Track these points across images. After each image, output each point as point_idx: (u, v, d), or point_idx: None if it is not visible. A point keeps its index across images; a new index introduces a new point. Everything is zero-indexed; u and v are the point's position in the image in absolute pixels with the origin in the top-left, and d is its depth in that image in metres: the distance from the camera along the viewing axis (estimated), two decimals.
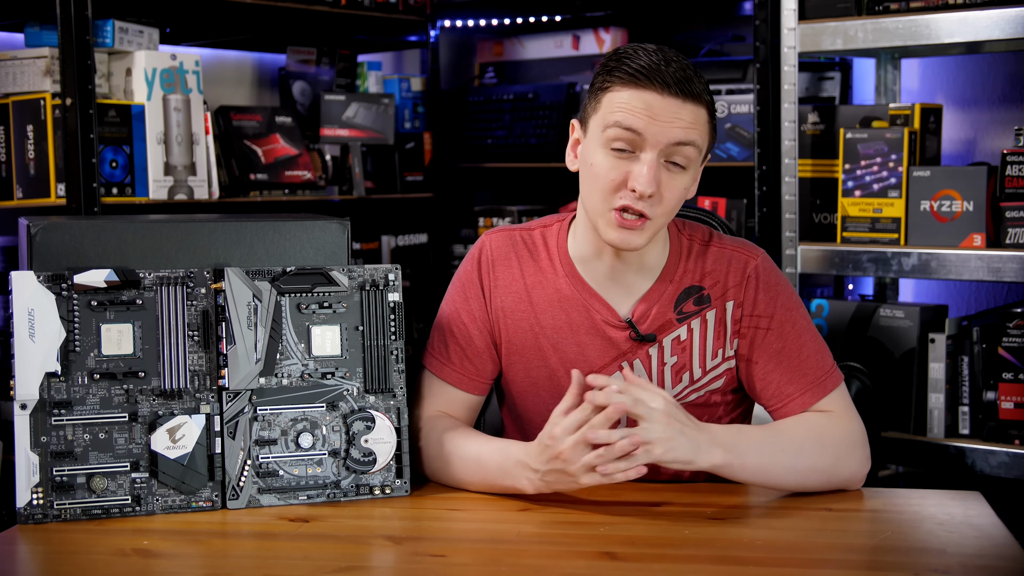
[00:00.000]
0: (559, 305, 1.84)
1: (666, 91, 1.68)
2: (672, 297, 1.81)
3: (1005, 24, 2.56)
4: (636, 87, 1.69)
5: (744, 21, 3.40)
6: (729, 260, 1.83)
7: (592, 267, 1.83)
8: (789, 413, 1.78)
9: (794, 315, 1.81)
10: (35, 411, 1.64)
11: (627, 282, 1.82)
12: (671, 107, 1.69)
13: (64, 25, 2.59)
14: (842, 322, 2.87)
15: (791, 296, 1.83)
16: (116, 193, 2.76)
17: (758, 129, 2.89)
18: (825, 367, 1.79)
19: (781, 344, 1.79)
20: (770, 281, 1.82)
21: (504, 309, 1.87)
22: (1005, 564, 1.45)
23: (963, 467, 2.69)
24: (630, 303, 1.82)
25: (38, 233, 1.71)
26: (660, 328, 1.81)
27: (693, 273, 1.82)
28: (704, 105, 1.72)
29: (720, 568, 1.45)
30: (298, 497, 1.73)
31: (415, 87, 3.71)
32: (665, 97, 1.68)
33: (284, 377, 1.73)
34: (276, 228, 1.80)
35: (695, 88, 1.70)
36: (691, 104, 1.70)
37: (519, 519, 1.64)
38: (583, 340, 1.83)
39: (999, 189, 2.62)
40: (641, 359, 1.82)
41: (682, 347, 1.81)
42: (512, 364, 1.87)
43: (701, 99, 1.71)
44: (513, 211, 3.55)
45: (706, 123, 1.73)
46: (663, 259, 1.83)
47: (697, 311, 1.81)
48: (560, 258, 1.86)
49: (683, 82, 1.69)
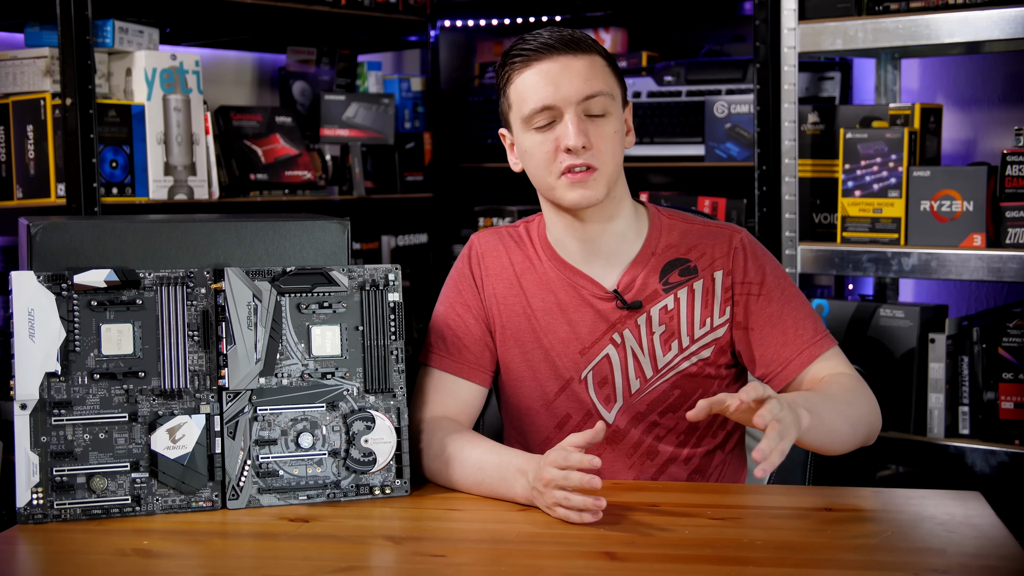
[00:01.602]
0: (547, 288, 1.89)
1: (556, 53, 1.78)
2: (656, 268, 1.86)
3: (1005, 24, 2.56)
4: (529, 65, 1.79)
5: (744, 21, 3.40)
6: (715, 235, 1.89)
7: (570, 249, 1.88)
8: (788, 377, 1.82)
9: (782, 283, 1.87)
10: (35, 411, 1.64)
11: (607, 255, 1.87)
12: (567, 67, 1.77)
13: (64, 25, 2.60)
14: (842, 322, 2.87)
15: (777, 266, 1.89)
16: (116, 193, 2.76)
17: (758, 129, 2.89)
18: (819, 330, 1.85)
19: (773, 308, 1.84)
20: (756, 252, 1.89)
21: (497, 295, 1.91)
22: (1005, 564, 1.45)
23: (963, 467, 2.69)
24: (615, 275, 1.87)
25: (38, 233, 1.71)
26: (647, 298, 1.86)
27: (678, 247, 1.88)
28: (596, 53, 1.81)
29: (720, 568, 1.45)
30: (298, 497, 1.73)
31: (415, 87, 3.71)
32: (557, 59, 1.78)
33: (284, 377, 1.73)
34: (276, 228, 1.80)
35: (582, 43, 1.79)
36: (583, 56, 1.79)
37: (519, 519, 1.64)
38: (573, 318, 1.87)
39: (999, 189, 2.62)
40: (631, 329, 1.86)
41: (670, 316, 1.86)
42: (509, 349, 1.90)
43: (592, 49, 1.80)
44: (513, 211, 3.55)
45: (604, 68, 1.81)
46: (641, 235, 1.88)
47: (684, 281, 1.86)
48: (541, 246, 1.92)
49: (568, 41, 1.79)
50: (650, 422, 1.87)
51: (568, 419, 1.89)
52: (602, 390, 1.87)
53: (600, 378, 1.87)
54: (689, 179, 3.49)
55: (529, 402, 1.91)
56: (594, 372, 1.87)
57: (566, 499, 1.59)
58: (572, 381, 1.88)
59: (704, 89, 3.22)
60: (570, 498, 1.59)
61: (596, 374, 1.87)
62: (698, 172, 3.34)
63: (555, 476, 1.60)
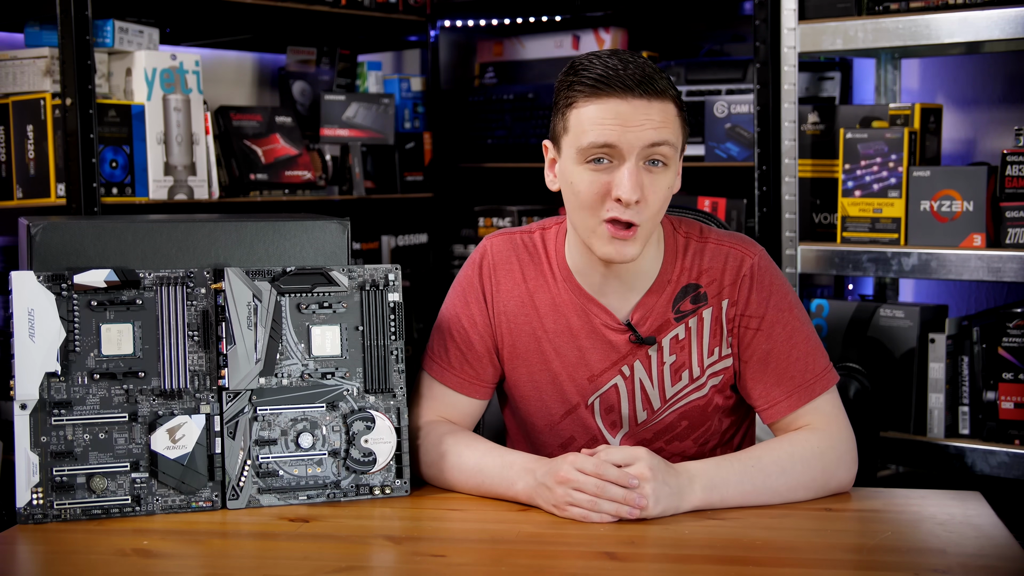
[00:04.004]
0: (559, 310, 1.84)
1: (630, 94, 1.67)
2: (670, 297, 1.81)
3: (1005, 24, 2.56)
4: (599, 98, 1.68)
5: (744, 21, 3.40)
6: (726, 257, 1.82)
7: (588, 276, 1.83)
8: (777, 416, 1.78)
9: (786, 316, 1.80)
10: (35, 411, 1.64)
11: (624, 286, 1.82)
12: (639, 110, 1.67)
13: (64, 25, 2.59)
14: (842, 322, 2.87)
15: (785, 297, 1.81)
16: (116, 193, 2.76)
17: (758, 129, 2.89)
18: (814, 371, 1.78)
19: (769, 346, 1.79)
20: (764, 281, 1.81)
21: (507, 314, 1.86)
22: (1005, 564, 1.45)
23: (963, 467, 2.69)
24: (628, 306, 1.82)
25: (38, 233, 1.71)
26: (659, 329, 1.81)
27: (690, 271, 1.82)
28: (670, 100, 1.70)
29: (720, 568, 1.45)
30: (298, 497, 1.73)
31: (415, 87, 3.71)
32: (630, 101, 1.67)
33: (284, 377, 1.73)
34: (276, 228, 1.80)
35: (659, 85, 1.68)
36: (657, 102, 1.68)
37: (519, 519, 1.64)
38: (583, 344, 1.83)
39: (999, 189, 2.62)
40: (641, 360, 1.82)
41: (680, 346, 1.81)
42: (516, 368, 1.87)
43: (666, 94, 1.69)
44: (513, 211, 3.55)
45: (676, 117, 1.71)
46: (658, 260, 1.82)
47: (694, 309, 1.81)
48: (558, 265, 1.85)
49: (645, 81, 1.67)
50: (656, 448, 1.83)
51: (572, 441, 1.87)
52: (608, 416, 1.85)
53: (607, 406, 1.84)
54: (689, 179, 3.47)
55: (533, 419, 1.89)
56: (601, 400, 1.84)
57: (591, 503, 1.60)
58: (579, 407, 1.85)
59: (704, 89, 3.22)
60: (597, 503, 1.59)
61: (603, 401, 1.84)
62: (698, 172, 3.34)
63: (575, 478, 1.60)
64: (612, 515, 1.60)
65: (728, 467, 1.68)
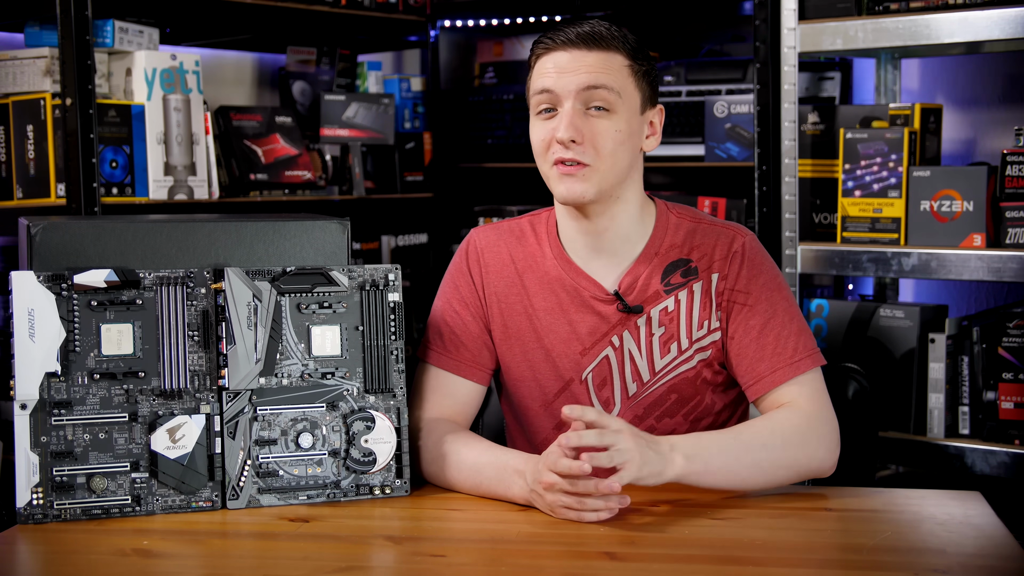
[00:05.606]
0: (548, 287, 1.88)
1: (571, 46, 1.79)
2: (659, 269, 1.85)
3: (1005, 24, 2.56)
4: (548, 52, 1.81)
5: (744, 21, 3.40)
6: (718, 235, 1.87)
7: (577, 244, 1.87)
8: (761, 391, 1.80)
9: (774, 296, 1.83)
10: (35, 411, 1.64)
11: (612, 255, 1.86)
12: (576, 58, 1.78)
13: (64, 25, 2.59)
14: (842, 322, 2.87)
15: (774, 277, 1.85)
16: (116, 193, 2.76)
17: (758, 129, 2.89)
18: (800, 350, 1.80)
19: (756, 322, 1.82)
20: (755, 260, 1.85)
21: (498, 294, 1.90)
22: (1005, 564, 1.45)
23: (963, 467, 2.69)
24: (616, 275, 1.86)
25: (38, 233, 1.71)
26: (647, 300, 1.84)
27: (681, 247, 1.86)
28: (616, 51, 1.80)
29: (720, 568, 1.45)
30: (298, 497, 1.73)
31: (415, 87, 3.71)
32: (570, 51, 1.79)
33: (284, 377, 1.73)
34: (276, 228, 1.80)
35: (602, 38, 1.79)
36: (598, 51, 1.78)
37: (519, 519, 1.64)
38: (574, 318, 1.86)
39: (999, 189, 2.62)
40: (630, 330, 1.85)
41: (670, 318, 1.84)
42: (510, 348, 1.90)
43: (610, 45, 1.80)
44: (513, 211, 3.55)
45: (623, 67, 1.80)
46: (647, 231, 1.87)
47: (684, 282, 1.85)
48: (549, 239, 1.90)
49: (588, 36, 1.79)
50: (647, 426, 1.86)
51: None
52: (602, 392, 1.87)
53: (600, 380, 1.86)
54: (689, 179, 3.49)
55: (528, 402, 1.91)
56: (594, 373, 1.87)
57: (579, 503, 1.60)
58: (573, 382, 1.87)
59: (704, 89, 3.22)
60: (584, 502, 1.60)
61: (596, 375, 1.86)
62: (698, 172, 3.34)
63: (556, 482, 1.60)
64: (604, 510, 1.60)
65: (709, 439, 1.71)
